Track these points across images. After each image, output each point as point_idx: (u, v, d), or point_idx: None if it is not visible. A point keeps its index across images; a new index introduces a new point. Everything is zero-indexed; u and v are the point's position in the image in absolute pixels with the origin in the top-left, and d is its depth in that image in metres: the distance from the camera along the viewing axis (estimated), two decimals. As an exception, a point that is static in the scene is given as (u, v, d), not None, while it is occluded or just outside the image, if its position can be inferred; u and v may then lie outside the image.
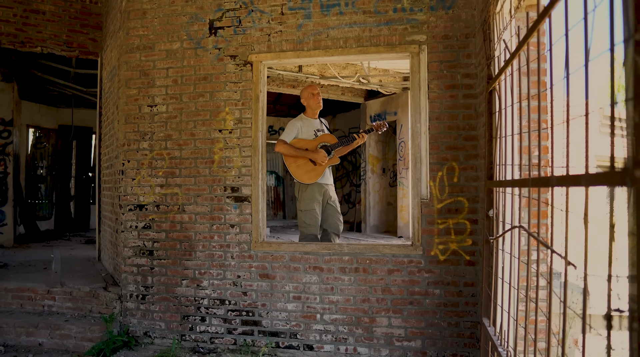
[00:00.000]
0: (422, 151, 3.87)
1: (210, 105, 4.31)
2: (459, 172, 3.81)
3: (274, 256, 4.12)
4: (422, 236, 3.84)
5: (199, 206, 4.31)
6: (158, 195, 4.40)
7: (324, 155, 4.35)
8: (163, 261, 4.36)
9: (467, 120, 3.82)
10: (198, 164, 4.32)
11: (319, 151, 4.37)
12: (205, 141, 4.32)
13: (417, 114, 3.88)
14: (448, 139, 3.84)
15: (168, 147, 4.40)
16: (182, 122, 4.37)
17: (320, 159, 4.33)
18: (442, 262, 3.80)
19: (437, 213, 3.82)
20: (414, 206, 3.88)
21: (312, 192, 4.39)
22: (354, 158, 11.29)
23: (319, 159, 4.33)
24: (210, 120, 4.31)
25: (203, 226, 4.29)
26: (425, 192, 3.85)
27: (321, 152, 4.38)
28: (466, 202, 3.79)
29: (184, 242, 4.32)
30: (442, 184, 3.83)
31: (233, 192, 4.23)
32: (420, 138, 3.87)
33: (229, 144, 4.26)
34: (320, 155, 4.34)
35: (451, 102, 3.85)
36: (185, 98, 4.37)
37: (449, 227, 3.80)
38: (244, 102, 4.24)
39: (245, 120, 4.23)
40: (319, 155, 4.34)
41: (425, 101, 3.88)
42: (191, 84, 4.37)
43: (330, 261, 3.99)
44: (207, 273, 4.25)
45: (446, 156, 3.84)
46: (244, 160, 4.22)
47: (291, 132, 4.43)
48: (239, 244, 4.20)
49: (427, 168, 3.85)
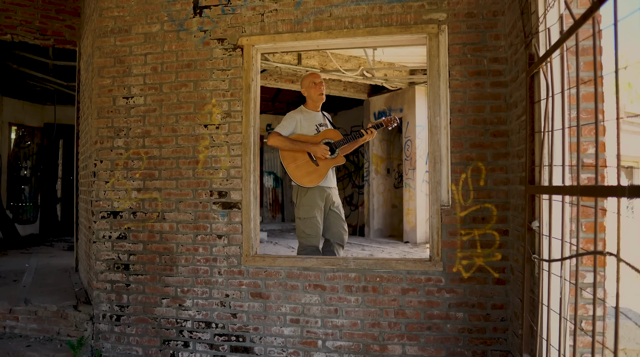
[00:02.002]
0: (442, 149, 3.28)
1: (195, 97, 3.72)
2: (486, 174, 3.23)
3: (268, 272, 3.53)
4: (442, 249, 3.25)
5: (181, 213, 3.72)
6: (135, 200, 3.81)
7: (324, 150, 3.76)
8: (140, 277, 3.77)
9: (495, 113, 3.23)
10: (180, 165, 3.74)
11: (320, 145, 3.78)
12: (188, 138, 3.73)
13: (435, 106, 3.29)
14: (473, 135, 3.26)
15: (146, 145, 3.81)
16: (162, 116, 3.78)
17: (321, 153, 3.74)
18: (466, 281, 3.22)
19: (460, 222, 3.24)
20: (432, 213, 3.28)
21: (313, 197, 3.80)
22: (357, 158, 10.71)
23: (319, 153, 3.75)
24: (194, 114, 3.72)
25: (186, 236, 3.70)
26: (446, 197, 3.26)
27: (322, 145, 3.79)
28: (494, 210, 3.20)
29: (164, 255, 3.74)
30: (466, 188, 3.24)
31: (220, 198, 3.64)
32: (440, 134, 3.28)
33: (215, 142, 3.67)
34: (321, 149, 3.75)
35: (476, 92, 3.26)
36: (166, 88, 3.79)
37: (474, 239, 3.22)
38: (234, 93, 3.65)
39: (235, 113, 3.64)
40: (319, 148, 3.75)
41: (445, 91, 3.29)
42: (173, 72, 3.78)
43: (334, 278, 3.41)
44: (191, 291, 3.67)
45: (471, 155, 3.25)
46: (233, 161, 3.63)
47: (288, 124, 3.84)
48: (228, 258, 3.61)
49: (449, 169, 3.27)
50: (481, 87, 3.26)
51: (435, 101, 3.29)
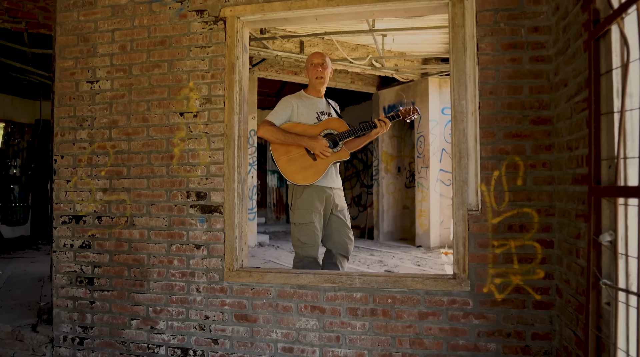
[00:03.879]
0: (469, 141, 2.64)
1: (169, 79, 3.12)
2: (525, 171, 2.58)
3: (255, 290, 2.91)
4: (469, 264, 2.61)
5: (153, 219, 3.11)
6: (100, 203, 3.22)
7: (324, 145, 3.11)
8: (106, 293, 3.17)
9: (536, 95, 2.59)
10: (152, 160, 3.13)
11: (319, 139, 3.14)
12: (161, 129, 3.12)
13: (460, 87, 2.66)
14: (508, 123, 2.62)
15: (113, 138, 3.21)
16: (132, 103, 3.18)
17: (319, 149, 3.09)
18: (500, 304, 2.58)
19: (492, 231, 2.60)
20: (457, 220, 2.65)
21: (310, 198, 3.17)
22: (365, 155, 10.07)
23: (318, 149, 3.09)
24: (168, 100, 3.11)
25: (159, 246, 3.10)
26: (475, 200, 2.62)
27: (321, 140, 3.14)
28: (535, 215, 2.56)
29: (134, 267, 3.13)
30: (500, 188, 2.60)
31: (199, 200, 3.03)
32: (466, 121, 2.64)
33: (193, 133, 3.06)
34: (320, 144, 3.09)
35: (512, 69, 2.62)
36: (136, 70, 3.18)
37: (510, 252, 2.58)
38: (215, 74, 3.03)
39: (216, 98, 3.02)
40: (318, 143, 3.10)
41: (473, 68, 2.65)
42: (144, 51, 3.17)
43: (336, 299, 2.78)
44: (165, 311, 3.06)
45: (505, 148, 2.61)
46: (214, 155, 3.01)
47: (282, 111, 3.20)
48: (207, 272, 3.00)
49: (478, 165, 2.63)
50: (518, 64, 2.62)
51: (460, 81, 2.66)
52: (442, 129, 7.72)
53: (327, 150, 3.07)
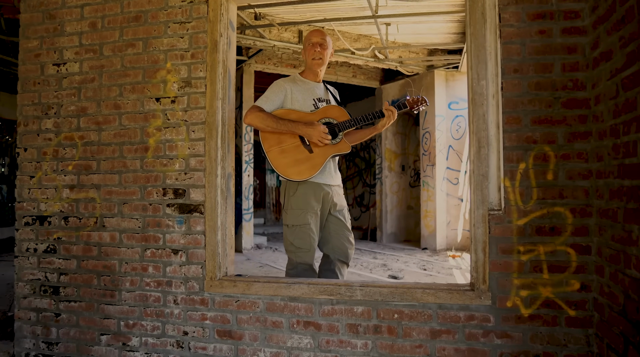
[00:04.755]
0: (489, 128, 2.24)
1: (144, 60, 2.73)
2: (556, 163, 2.19)
3: (240, 302, 2.52)
4: (490, 273, 2.21)
5: (125, 219, 2.73)
6: (67, 201, 2.83)
7: (321, 132, 2.69)
8: (74, 304, 2.79)
9: (570, 73, 2.19)
10: (125, 153, 2.75)
11: (317, 125, 2.72)
12: (135, 117, 2.73)
13: (479, 65, 2.26)
14: (536, 106, 2.22)
15: (82, 127, 2.83)
16: (103, 88, 2.80)
17: (317, 136, 2.67)
18: (527, 320, 2.18)
19: (517, 234, 2.20)
20: (476, 221, 2.25)
21: (306, 196, 2.77)
22: (368, 153, 9.68)
23: (315, 136, 2.68)
24: (143, 84, 2.73)
25: (131, 250, 2.71)
26: (497, 197, 2.23)
27: (319, 126, 2.72)
28: (569, 216, 2.16)
29: (104, 275, 2.75)
30: (527, 183, 2.21)
31: (176, 198, 2.65)
32: (487, 105, 2.25)
33: (170, 121, 2.67)
34: (317, 131, 2.67)
35: (540, 43, 2.23)
36: (108, 50, 2.80)
37: (539, 260, 2.18)
38: (195, 54, 2.65)
39: (196, 81, 2.64)
40: (315, 130, 2.67)
41: (494, 42, 2.26)
42: (117, 29, 2.79)
43: (333, 313, 2.39)
44: (138, 325, 2.67)
45: (533, 136, 2.21)
46: (194, 147, 2.63)
47: (274, 96, 2.80)
48: (186, 282, 2.61)
49: (500, 157, 2.23)
50: (547, 36, 2.22)
51: (479, 58, 2.26)
52: (448, 124, 7.33)
53: (325, 137, 2.67)
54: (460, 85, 7.34)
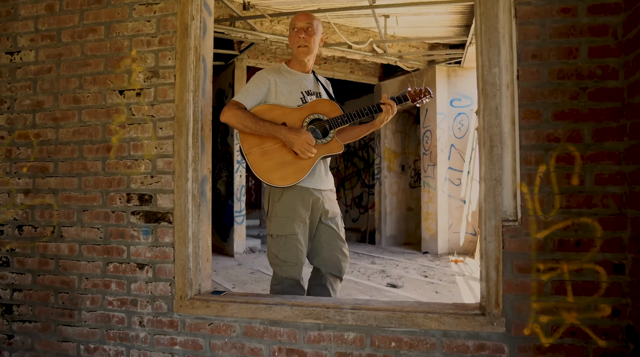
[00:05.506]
0: (503, 123, 1.91)
1: (106, 47, 2.40)
2: (583, 166, 1.85)
3: (214, 325, 2.19)
4: (504, 295, 1.88)
5: (85, 229, 2.39)
6: (21, 208, 2.50)
7: (305, 141, 2.30)
8: (28, 325, 2.46)
9: (599, 59, 1.86)
10: (85, 153, 2.41)
11: (301, 132, 2.34)
12: (96, 112, 2.40)
13: (491, 50, 1.92)
14: (558, 98, 1.88)
15: (37, 124, 2.49)
16: (61, 80, 2.46)
17: (299, 146, 2.29)
18: (548, 351, 1.85)
19: (536, 249, 1.87)
20: (488, 233, 1.91)
21: (292, 203, 2.43)
22: (366, 153, 9.34)
23: (297, 145, 2.29)
24: (105, 74, 2.39)
25: (92, 264, 2.38)
26: (512, 206, 1.89)
27: (303, 134, 2.34)
28: (598, 228, 1.83)
29: (62, 292, 2.42)
30: (548, 189, 1.87)
31: (142, 204, 2.31)
32: (500, 97, 1.91)
33: (135, 116, 2.34)
34: (301, 139, 2.30)
35: (563, 23, 1.89)
36: (67, 37, 2.46)
37: (562, 280, 1.84)
38: (163, 39, 2.31)
39: (165, 71, 2.30)
40: (299, 137, 2.30)
41: (508, 22, 1.92)
42: (76, 12, 2.45)
43: (320, 340, 2.05)
44: (100, 350, 2.34)
45: (555, 133, 1.88)
46: (162, 146, 2.29)
47: (255, 89, 2.44)
48: (153, 301, 2.28)
49: (517, 158, 1.89)
50: (571, 16, 1.89)
51: (491, 41, 1.92)
52: (450, 122, 6.99)
53: (309, 148, 2.31)
54: (463, 82, 7.01)
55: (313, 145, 2.33)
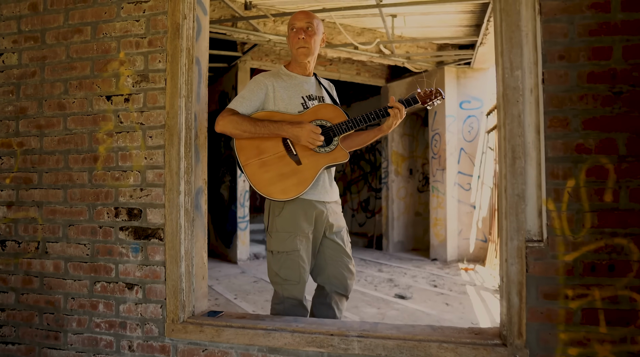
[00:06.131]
0: (527, 133, 1.71)
1: (93, 50, 2.23)
2: (617, 180, 1.65)
3: (209, 351, 2.01)
4: (528, 324, 1.68)
5: (71, 245, 2.22)
6: (4, 222, 2.33)
7: (310, 131, 2.14)
8: (11, 347, 2.29)
9: (634, 60, 1.66)
10: (70, 163, 2.24)
11: (304, 124, 2.17)
12: (82, 119, 2.23)
13: (513, 51, 1.73)
14: (589, 104, 1.69)
15: (21, 132, 2.33)
16: (45, 84, 2.29)
17: (306, 138, 2.13)
18: (577, 387, 1.65)
19: (564, 273, 1.67)
20: (509, 255, 1.72)
21: (294, 217, 2.25)
22: (373, 156, 9.15)
23: (304, 138, 2.13)
24: (92, 78, 2.22)
25: (79, 283, 2.21)
26: (537, 224, 1.70)
27: (307, 125, 2.17)
28: (635, 250, 1.63)
29: (47, 312, 2.25)
30: (577, 207, 1.67)
31: (131, 219, 2.14)
32: (523, 103, 1.72)
33: (124, 124, 2.16)
34: (306, 130, 2.13)
35: (594, 20, 1.69)
36: (51, 38, 2.30)
37: (594, 308, 1.65)
38: (153, 40, 2.14)
39: (155, 75, 2.13)
40: (303, 129, 2.14)
41: (532, 19, 1.73)
42: (61, 11, 2.29)
43: (323, 370, 1.87)
44: (86, 376, 2.17)
45: (585, 143, 1.68)
46: (152, 156, 2.12)
47: (251, 95, 2.25)
48: (143, 324, 2.10)
49: (541, 171, 1.70)
50: (604, 12, 1.69)
51: (513, 41, 1.73)
52: (460, 125, 6.78)
53: (316, 137, 2.14)
54: (473, 83, 6.80)
55: (319, 132, 2.15)
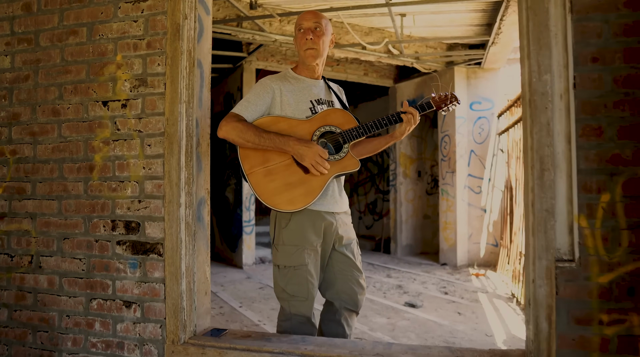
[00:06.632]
0: (556, 142, 1.57)
1: (89, 52, 2.10)
2: (657, 195, 1.51)
3: (210, 375, 1.88)
4: (558, 352, 1.54)
5: (66, 260, 2.10)
6: (-4, 234, 2.22)
7: (317, 153, 2.01)
8: (4, 366, 2.18)
9: (676, 63, 1.51)
10: (65, 173, 2.12)
11: (311, 144, 2.04)
12: (78, 126, 2.11)
13: (541, 52, 1.59)
14: (626, 111, 1.54)
15: (14, 139, 2.21)
16: (39, 89, 2.17)
17: (311, 159, 2.00)
18: None
19: (599, 296, 1.52)
20: (537, 275, 1.57)
21: (302, 228, 2.11)
22: (381, 157, 9.00)
23: (309, 159, 2.00)
24: (87, 83, 2.10)
25: (74, 300, 2.08)
26: (567, 242, 1.55)
27: (314, 146, 2.04)
28: (677, 271, 1.48)
29: (41, 330, 2.13)
30: (613, 223, 1.53)
31: (129, 233, 2.01)
32: (553, 109, 1.57)
33: (121, 131, 2.04)
34: (312, 151, 1.99)
35: (631, 19, 1.55)
36: (45, 40, 2.17)
37: (633, 335, 1.50)
38: (152, 42, 2.01)
39: (153, 79, 2.00)
40: (310, 149, 2.00)
41: (561, 18, 1.58)
42: (56, 11, 2.16)
43: (334, 398, 1.73)
44: (82, 399, 2.05)
45: (622, 153, 1.53)
46: (150, 166, 1.99)
47: (257, 99, 2.11)
48: (142, 344, 1.97)
49: (573, 184, 1.55)
50: (641, 10, 1.54)
51: (541, 42, 1.59)
52: (470, 127, 6.62)
53: (322, 162, 2.00)
54: (483, 84, 6.64)
55: (326, 158, 2.02)
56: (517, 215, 4.83)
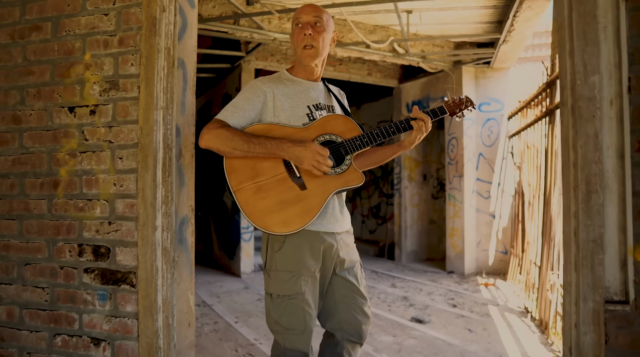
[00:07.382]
0: (605, 158, 1.29)
1: (54, 50, 1.83)
2: None
3: None
4: (610, 415, 1.26)
5: (28, 289, 1.83)
6: (-49, 257, 1.95)
7: (316, 152, 1.72)
8: (-40, 408, 1.91)
9: None
10: (27, 189, 1.85)
11: (309, 144, 1.76)
12: (41, 135, 1.83)
13: (586, 49, 1.31)
14: (692, 121, 1.26)
15: (-29, 150, 1.94)
16: (-1, 92, 1.91)
17: (310, 159, 1.71)
18: None
19: (660, 349, 1.25)
20: (583, 318, 1.29)
21: (298, 253, 1.83)
22: (384, 160, 8.71)
23: (307, 159, 1.72)
24: (52, 86, 1.83)
25: (37, 336, 1.81)
26: (618, 279, 1.27)
27: (311, 145, 1.75)
28: None
29: (0, 369, 1.86)
30: (679, 258, 1.25)
31: (97, 260, 1.74)
32: (601, 118, 1.29)
33: (89, 142, 1.76)
34: (310, 151, 1.72)
35: (697, 9, 1.27)
36: (5, 36, 1.90)
37: (702, 395, 1.22)
38: (124, 39, 1.74)
39: (126, 82, 1.73)
40: (308, 150, 1.72)
41: (612, 7, 1.31)
42: (17, 4, 1.89)
43: None
44: None
45: (688, 173, 1.26)
46: (122, 182, 1.72)
47: (246, 104, 1.82)
48: (111, 389, 1.70)
49: (627, 209, 1.27)
50: None
51: (587, 36, 1.31)
52: (478, 129, 6.34)
53: (323, 160, 1.72)
54: (493, 84, 6.35)
55: (326, 155, 1.74)
56: (532, 224, 4.55)
